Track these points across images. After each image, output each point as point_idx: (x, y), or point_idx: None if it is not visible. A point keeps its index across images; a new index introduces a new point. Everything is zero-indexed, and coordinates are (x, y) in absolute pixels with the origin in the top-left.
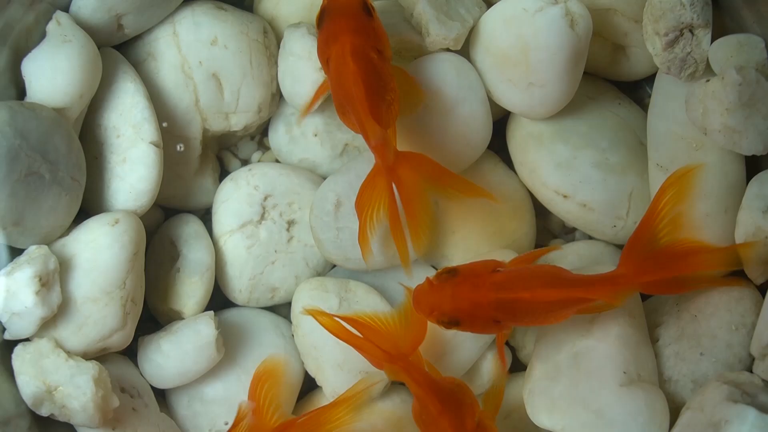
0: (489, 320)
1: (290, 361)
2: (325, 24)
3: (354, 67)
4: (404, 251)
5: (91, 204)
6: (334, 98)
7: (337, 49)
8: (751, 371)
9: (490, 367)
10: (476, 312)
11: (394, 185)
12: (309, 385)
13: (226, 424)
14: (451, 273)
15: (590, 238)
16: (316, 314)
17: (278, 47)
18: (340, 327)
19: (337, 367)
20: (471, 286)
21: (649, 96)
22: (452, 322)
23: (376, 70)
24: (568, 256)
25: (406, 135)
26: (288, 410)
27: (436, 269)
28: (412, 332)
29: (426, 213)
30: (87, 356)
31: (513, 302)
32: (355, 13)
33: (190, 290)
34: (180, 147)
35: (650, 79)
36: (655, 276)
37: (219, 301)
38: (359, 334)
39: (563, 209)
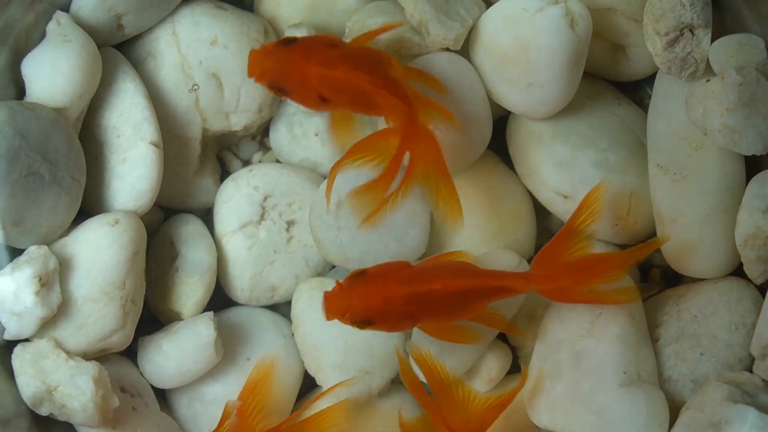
0: (402, 316)
1: (284, 360)
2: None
3: (337, 70)
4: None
5: (91, 204)
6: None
7: (308, 78)
8: (751, 371)
9: (490, 368)
10: (388, 308)
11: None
12: (309, 385)
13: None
14: (361, 274)
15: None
16: (421, 360)
17: None
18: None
19: (337, 367)
20: (380, 283)
21: (649, 96)
22: (365, 321)
23: (352, 53)
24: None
25: None
26: (286, 410)
27: None
28: (484, 415)
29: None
30: (87, 356)
31: (424, 294)
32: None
33: (190, 290)
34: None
35: (650, 79)
36: (560, 282)
37: (219, 300)
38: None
39: (563, 209)
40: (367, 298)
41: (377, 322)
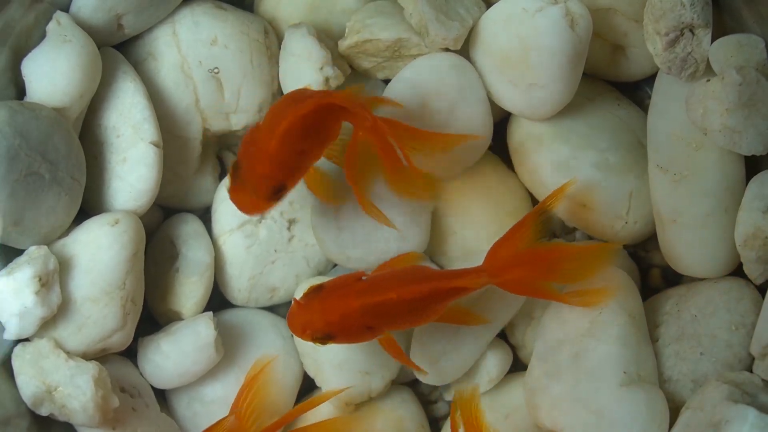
0: (361, 328)
1: (284, 361)
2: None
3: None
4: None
5: (90, 204)
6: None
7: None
8: (751, 371)
9: (490, 368)
10: (346, 322)
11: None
12: (308, 386)
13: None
14: (317, 290)
15: (590, 238)
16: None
17: (279, 47)
18: None
19: (337, 368)
20: (337, 297)
21: (649, 97)
22: (326, 337)
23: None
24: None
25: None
26: (285, 412)
27: (441, 267)
28: None
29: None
30: (87, 356)
31: (380, 305)
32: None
33: (189, 290)
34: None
35: (650, 79)
36: (513, 274)
37: (218, 301)
38: None
39: (563, 209)
40: (324, 313)
41: (338, 337)
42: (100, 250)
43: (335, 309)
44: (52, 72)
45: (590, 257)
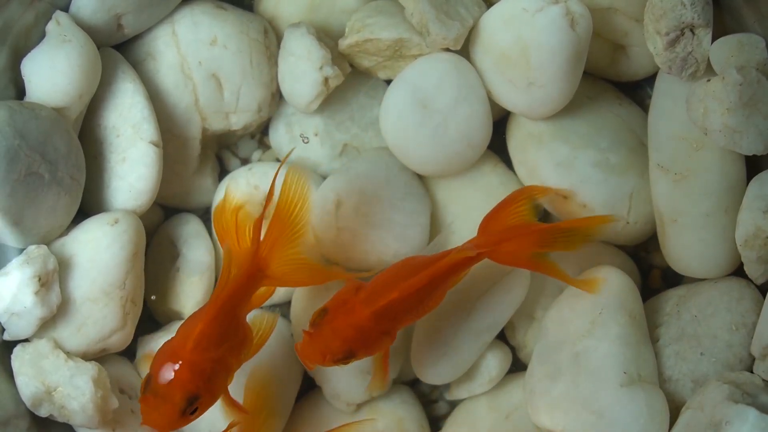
0: (377, 336)
1: (284, 362)
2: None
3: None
4: None
5: (90, 204)
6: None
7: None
8: (751, 371)
9: (490, 368)
10: (362, 334)
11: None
12: (308, 386)
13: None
14: (321, 314)
15: None
16: None
17: (278, 47)
18: None
19: (337, 367)
20: (345, 313)
21: (650, 96)
22: (347, 356)
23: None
24: (568, 256)
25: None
26: (286, 411)
27: None
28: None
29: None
30: (86, 357)
31: (387, 307)
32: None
33: (190, 290)
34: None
35: (651, 79)
36: (506, 245)
37: None
38: None
39: (563, 209)
40: (338, 334)
41: (359, 351)
42: (99, 250)
43: (348, 325)
44: (52, 72)
45: (582, 227)
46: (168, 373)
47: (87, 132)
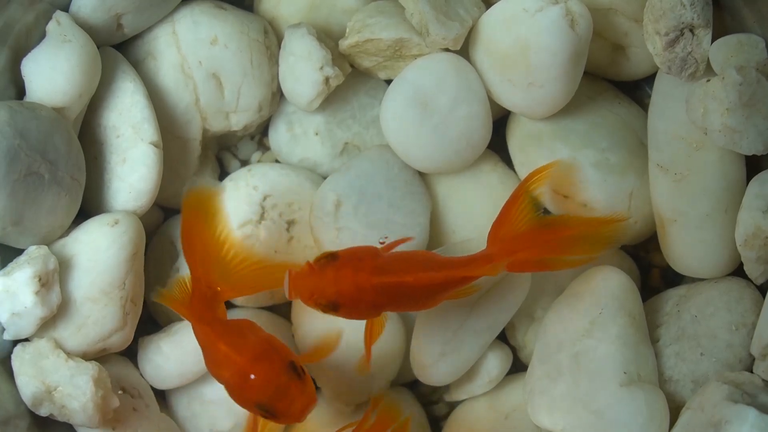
0: (370, 305)
1: None
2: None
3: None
4: None
5: (90, 204)
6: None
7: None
8: (751, 371)
9: (490, 368)
10: (358, 296)
11: None
12: None
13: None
14: (332, 257)
15: None
16: None
17: (279, 47)
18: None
19: (337, 368)
20: (353, 270)
21: (649, 96)
22: (332, 306)
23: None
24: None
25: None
26: None
27: None
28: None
29: None
30: (87, 357)
31: (395, 286)
32: None
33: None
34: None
35: (650, 79)
36: (522, 254)
37: None
38: None
39: (563, 209)
40: (338, 282)
41: (344, 308)
42: (99, 250)
43: (350, 281)
44: (52, 72)
45: (595, 228)
46: None
47: (87, 132)
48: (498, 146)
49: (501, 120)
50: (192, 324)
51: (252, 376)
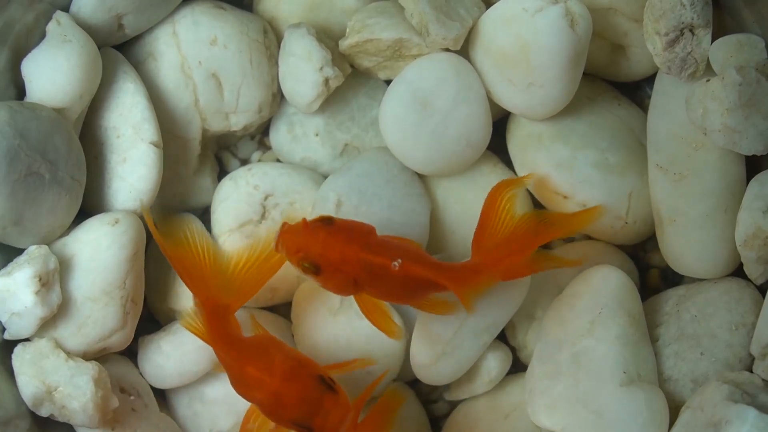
0: (349, 279)
1: None
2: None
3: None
4: None
5: (91, 204)
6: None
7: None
8: (751, 371)
9: (490, 368)
10: (341, 266)
11: None
12: None
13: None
14: (327, 221)
15: (589, 238)
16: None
17: (278, 47)
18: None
19: (337, 368)
20: (344, 239)
21: (649, 97)
22: (314, 267)
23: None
24: (568, 256)
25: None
26: None
27: None
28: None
29: None
30: (87, 356)
31: (378, 267)
32: None
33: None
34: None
35: (650, 79)
36: (507, 262)
37: None
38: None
39: (563, 209)
40: (327, 246)
41: (324, 274)
42: (100, 250)
43: (338, 248)
44: (52, 72)
45: (574, 224)
46: None
47: (88, 132)
48: (498, 147)
49: (501, 121)
50: (213, 348)
51: (285, 397)
